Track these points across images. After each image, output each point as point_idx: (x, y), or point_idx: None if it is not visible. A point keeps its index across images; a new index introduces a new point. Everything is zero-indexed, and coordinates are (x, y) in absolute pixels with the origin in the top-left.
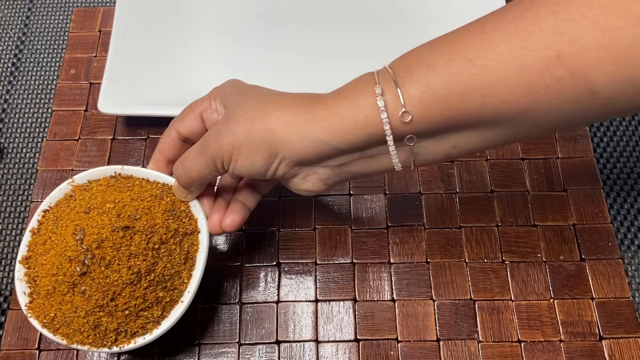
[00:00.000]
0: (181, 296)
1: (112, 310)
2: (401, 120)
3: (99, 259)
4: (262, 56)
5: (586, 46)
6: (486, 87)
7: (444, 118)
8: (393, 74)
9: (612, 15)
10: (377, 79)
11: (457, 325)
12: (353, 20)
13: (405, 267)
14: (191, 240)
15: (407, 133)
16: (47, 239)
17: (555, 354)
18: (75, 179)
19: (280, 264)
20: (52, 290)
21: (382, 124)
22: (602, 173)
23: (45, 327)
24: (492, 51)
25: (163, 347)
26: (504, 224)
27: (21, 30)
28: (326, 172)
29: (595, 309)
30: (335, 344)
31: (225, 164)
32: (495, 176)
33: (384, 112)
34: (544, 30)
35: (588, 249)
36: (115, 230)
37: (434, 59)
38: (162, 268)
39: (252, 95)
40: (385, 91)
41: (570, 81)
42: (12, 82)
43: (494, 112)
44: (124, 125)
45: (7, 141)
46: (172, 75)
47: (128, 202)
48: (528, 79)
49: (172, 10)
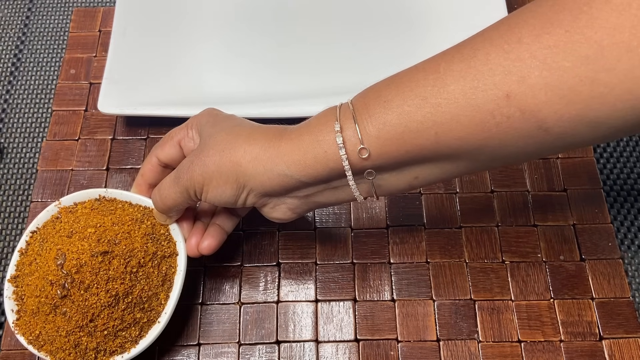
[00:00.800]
0: (158, 317)
1: (91, 330)
2: (359, 156)
3: (78, 282)
4: (262, 56)
5: (535, 86)
6: (439, 125)
7: (401, 153)
8: (353, 110)
9: (560, 55)
10: (338, 115)
11: (457, 325)
12: (355, 23)
13: (405, 267)
14: (169, 263)
15: (366, 168)
16: (33, 260)
17: (555, 354)
18: (62, 201)
19: (280, 264)
20: (36, 310)
21: (341, 160)
22: (602, 173)
23: (31, 344)
24: (445, 90)
25: (163, 347)
26: (504, 224)
27: (21, 30)
28: (294, 202)
29: (595, 309)
30: (335, 344)
31: (198, 193)
32: (495, 176)
33: (342, 148)
34: (494, 70)
35: (588, 249)
36: (95, 255)
37: (390, 97)
38: (140, 290)
39: (223, 127)
40: (344, 128)
41: (521, 119)
42: (12, 82)
43: (448, 147)
44: (123, 125)
45: (7, 141)
46: (172, 75)
47: (109, 226)
48: (479, 117)
49: (172, 10)
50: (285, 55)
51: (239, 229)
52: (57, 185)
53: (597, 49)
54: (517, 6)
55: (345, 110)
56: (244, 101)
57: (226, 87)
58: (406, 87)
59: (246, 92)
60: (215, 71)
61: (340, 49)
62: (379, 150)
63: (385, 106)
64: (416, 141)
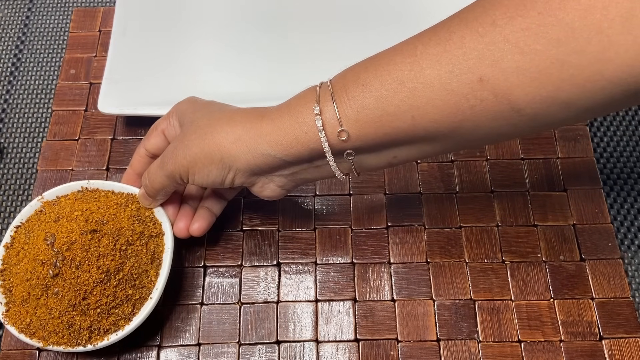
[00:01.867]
0: (150, 293)
1: (84, 309)
2: (339, 138)
3: (69, 260)
4: (262, 56)
5: (507, 69)
6: (416, 109)
7: (379, 136)
8: (332, 92)
9: (532, 38)
10: (318, 96)
11: (457, 325)
12: (353, 22)
13: (405, 267)
14: (156, 242)
15: (345, 149)
16: (20, 250)
17: (555, 354)
18: (45, 195)
19: (280, 264)
20: (26, 296)
21: (320, 141)
22: (602, 173)
23: (22, 332)
24: (421, 74)
25: (163, 347)
26: (504, 224)
27: (21, 30)
28: (281, 180)
29: (595, 309)
30: (335, 344)
31: (184, 176)
32: (495, 176)
33: (322, 131)
34: (468, 54)
35: (588, 249)
36: (84, 233)
37: (369, 80)
38: (130, 267)
39: (204, 113)
40: (323, 110)
41: (494, 101)
42: (12, 82)
43: (425, 130)
44: (123, 125)
45: (7, 141)
46: (172, 75)
47: (95, 210)
48: (454, 100)
49: (172, 10)
50: (285, 55)
51: (239, 228)
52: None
53: (568, 31)
54: None
55: (325, 91)
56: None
57: (226, 86)
58: (384, 70)
59: (246, 92)
60: (214, 71)
61: (340, 48)
62: (358, 133)
63: (363, 90)
64: (393, 124)
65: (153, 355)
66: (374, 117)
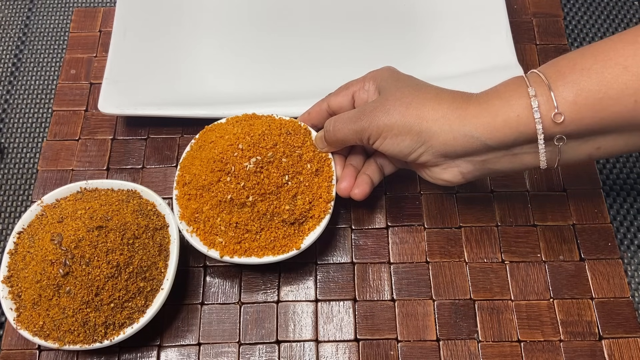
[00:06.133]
0: (161, 284)
1: (97, 305)
2: (553, 121)
3: (79, 257)
4: (262, 56)
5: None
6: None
7: (596, 120)
8: (545, 77)
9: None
10: (528, 82)
11: (457, 325)
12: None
13: (405, 267)
14: (162, 234)
15: (556, 133)
16: (26, 254)
17: (555, 353)
18: (44, 199)
19: (280, 263)
20: (37, 298)
21: (533, 124)
22: (602, 173)
23: (36, 336)
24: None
25: (163, 347)
26: (504, 224)
27: (21, 30)
28: (468, 166)
29: (595, 308)
30: (335, 344)
31: (372, 138)
32: (495, 176)
33: (537, 112)
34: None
35: (588, 249)
36: (90, 230)
37: (588, 65)
38: (139, 260)
39: (409, 83)
40: (538, 93)
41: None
42: (13, 82)
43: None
44: (124, 125)
45: (7, 141)
46: (172, 76)
47: (97, 207)
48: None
49: (173, 11)
50: (286, 55)
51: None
52: (58, 186)
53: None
54: (517, 7)
55: (535, 78)
56: (244, 101)
57: (226, 87)
58: (605, 55)
59: (246, 92)
60: (215, 71)
61: (341, 49)
62: (574, 116)
63: (583, 73)
64: (614, 108)
65: (153, 355)
66: (594, 100)
